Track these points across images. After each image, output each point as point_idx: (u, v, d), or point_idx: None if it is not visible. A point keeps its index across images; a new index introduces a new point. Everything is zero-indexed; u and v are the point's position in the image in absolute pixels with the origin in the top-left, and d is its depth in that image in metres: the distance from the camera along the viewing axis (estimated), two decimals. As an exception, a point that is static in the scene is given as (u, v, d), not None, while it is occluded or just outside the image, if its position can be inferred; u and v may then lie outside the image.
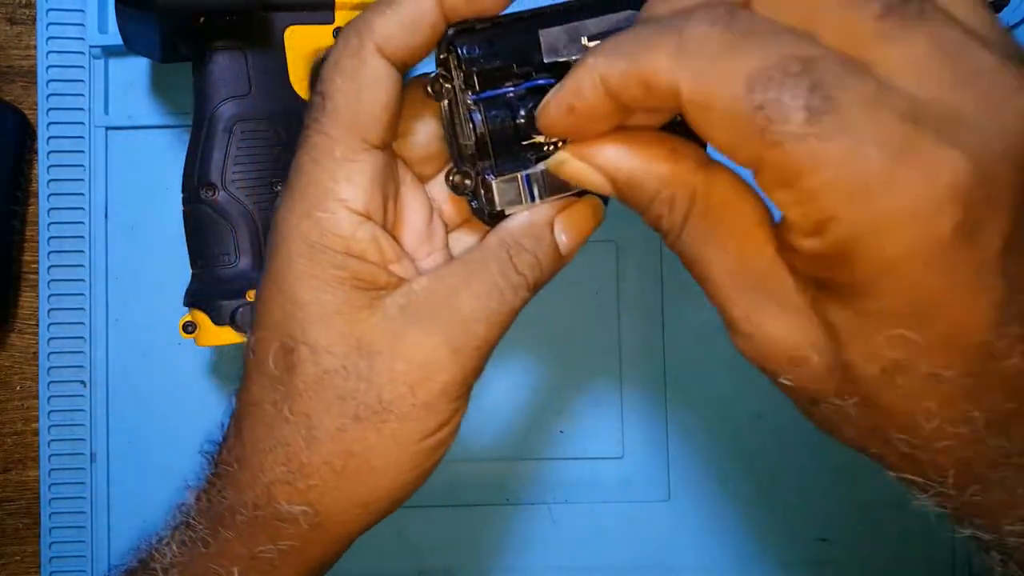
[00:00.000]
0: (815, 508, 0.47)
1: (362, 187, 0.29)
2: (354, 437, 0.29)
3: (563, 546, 0.47)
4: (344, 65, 0.28)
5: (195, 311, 0.39)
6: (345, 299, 0.29)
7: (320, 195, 0.28)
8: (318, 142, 0.28)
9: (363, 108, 0.28)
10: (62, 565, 0.46)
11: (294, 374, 0.29)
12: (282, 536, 0.30)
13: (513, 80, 0.28)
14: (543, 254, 0.30)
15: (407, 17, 0.28)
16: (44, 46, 0.46)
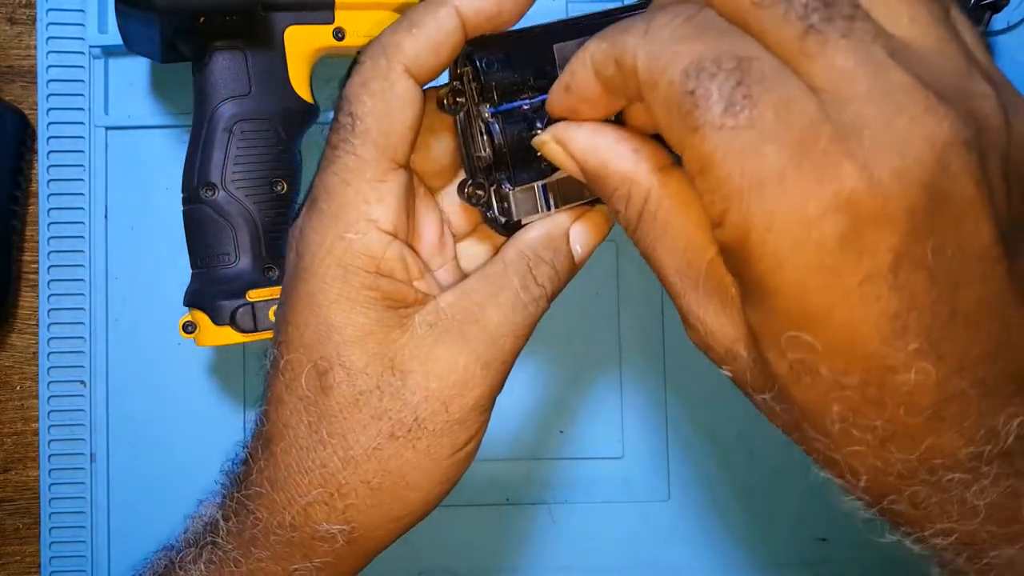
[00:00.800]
0: (815, 508, 0.47)
1: (391, 207, 0.29)
2: (390, 455, 0.30)
3: (563, 546, 0.47)
4: (374, 87, 0.29)
5: (195, 311, 0.39)
6: (377, 319, 0.29)
7: (352, 217, 0.29)
8: (349, 163, 0.29)
9: (394, 129, 0.29)
10: (62, 565, 0.46)
11: (329, 396, 0.30)
12: (318, 554, 0.31)
13: (529, 93, 0.29)
14: (560, 264, 0.31)
15: (434, 38, 0.29)
16: (44, 46, 0.46)
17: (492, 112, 0.29)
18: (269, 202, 0.39)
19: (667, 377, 0.47)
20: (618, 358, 0.47)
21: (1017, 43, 0.48)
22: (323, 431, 0.30)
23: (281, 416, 0.31)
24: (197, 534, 0.33)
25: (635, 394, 0.47)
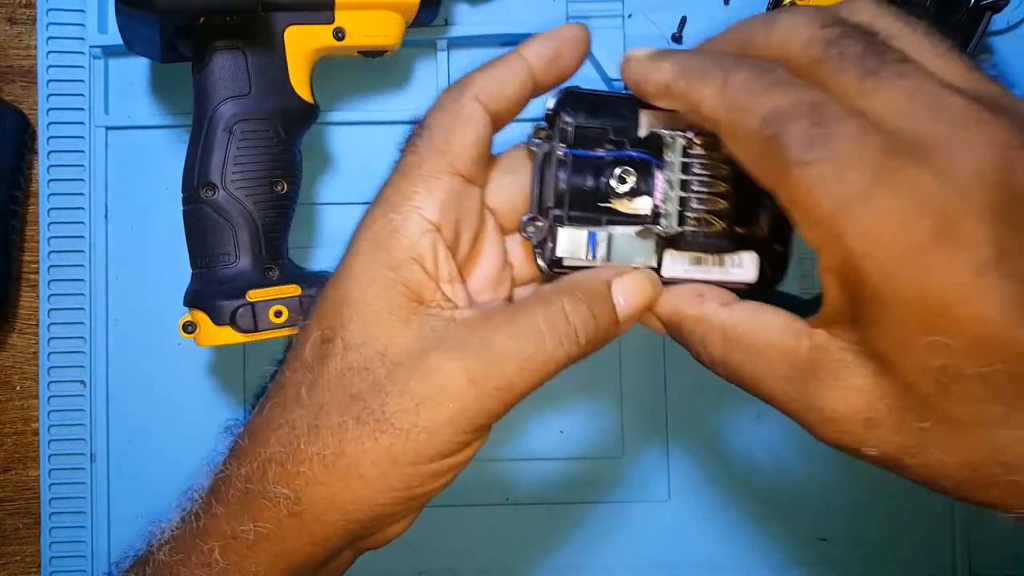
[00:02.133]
0: (815, 508, 0.47)
1: (438, 201, 0.31)
2: (352, 437, 0.30)
3: (563, 546, 0.47)
4: (444, 106, 0.32)
5: (195, 311, 0.39)
6: (388, 303, 0.30)
7: (398, 200, 0.31)
8: (409, 160, 0.32)
9: (454, 138, 0.31)
10: (62, 565, 0.46)
11: (324, 365, 0.31)
12: (263, 518, 0.31)
13: (606, 147, 0.31)
14: (599, 311, 0.30)
15: (502, 75, 0.32)
16: (44, 46, 0.46)
17: (565, 152, 0.31)
18: (269, 202, 0.39)
19: (667, 377, 0.47)
20: (618, 358, 0.47)
21: (1017, 43, 0.48)
22: (306, 395, 0.31)
23: (282, 376, 0.32)
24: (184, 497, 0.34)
25: (635, 394, 0.47)
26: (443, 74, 0.47)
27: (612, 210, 0.31)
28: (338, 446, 0.30)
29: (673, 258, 0.31)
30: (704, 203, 0.30)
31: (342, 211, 0.47)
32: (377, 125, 0.47)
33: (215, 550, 0.31)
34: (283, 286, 0.39)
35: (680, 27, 0.48)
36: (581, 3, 0.48)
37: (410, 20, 0.43)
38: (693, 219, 0.30)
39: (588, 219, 0.31)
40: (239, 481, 0.31)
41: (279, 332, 0.39)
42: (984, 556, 0.47)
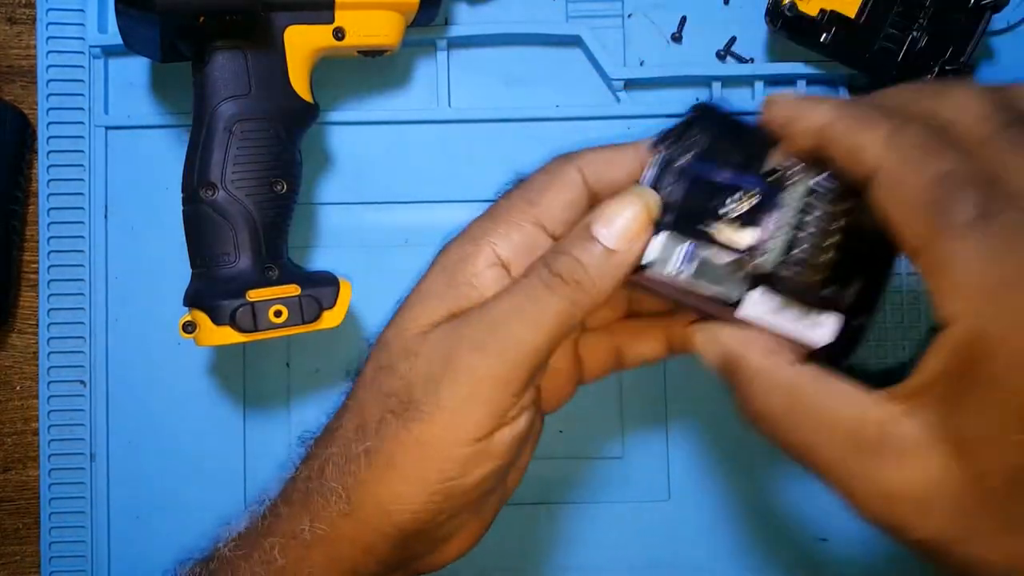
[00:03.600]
0: (815, 508, 0.47)
1: (514, 243, 0.32)
2: (389, 433, 0.31)
3: (564, 546, 0.47)
4: (548, 168, 0.34)
5: (195, 311, 0.39)
6: (430, 311, 0.32)
7: (478, 235, 0.33)
8: (499, 204, 0.33)
9: (546, 195, 0.33)
10: (62, 565, 0.46)
11: (366, 366, 0.33)
12: (319, 517, 0.32)
13: (728, 172, 0.31)
14: (581, 250, 0.31)
15: (613, 156, 0.33)
16: (44, 46, 0.46)
17: (690, 162, 0.31)
18: (269, 202, 0.39)
19: (667, 377, 0.47)
20: (618, 358, 0.47)
21: (1017, 43, 0.48)
22: (351, 398, 0.33)
23: (350, 384, 0.35)
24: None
25: (635, 394, 0.47)
26: (443, 74, 0.47)
27: (708, 235, 0.30)
28: (378, 441, 0.31)
29: (761, 296, 0.30)
30: (809, 252, 0.30)
31: (342, 211, 0.47)
32: (377, 125, 0.47)
33: (275, 547, 0.32)
34: (283, 286, 0.39)
35: (680, 27, 0.48)
36: (581, 3, 0.48)
37: (410, 20, 0.43)
38: (792, 265, 0.30)
39: (688, 236, 0.31)
40: (302, 481, 0.33)
41: (279, 332, 0.39)
42: (984, 556, 0.47)
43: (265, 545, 0.32)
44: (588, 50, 0.47)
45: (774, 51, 0.48)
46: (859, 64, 0.44)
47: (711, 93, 0.47)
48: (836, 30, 0.44)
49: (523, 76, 0.48)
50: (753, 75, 0.47)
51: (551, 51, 0.48)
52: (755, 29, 0.48)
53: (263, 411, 0.47)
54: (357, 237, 0.47)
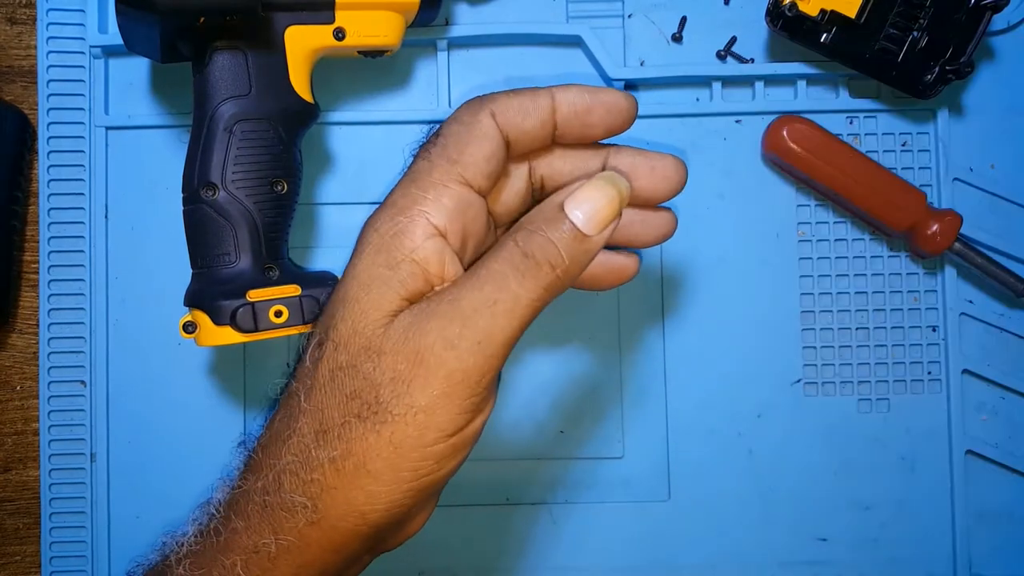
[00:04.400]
0: (815, 508, 0.47)
1: (446, 208, 0.31)
2: (356, 436, 0.30)
3: (563, 546, 0.47)
4: (461, 118, 0.32)
5: (195, 311, 0.39)
6: (379, 300, 0.30)
7: (406, 203, 0.31)
8: (420, 166, 0.32)
9: (467, 150, 0.32)
10: (62, 565, 0.46)
11: (317, 367, 0.31)
12: (283, 529, 0.31)
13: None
14: (556, 233, 0.30)
15: (525, 103, 0.32)
16: (44, 46, 0.46)
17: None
18: (269, 202, 0.39)
19: (667, 377, 0.47)
20: (618, 358, 0.47)
21: (1017, 43, 0.48)
22: (305, 401, 0.31)
23: (289, 386, 0.33)
24: (199, 510, 0.34)
25: (635, 394, 0.47)
26: (443, 74, 0.47)
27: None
28: (345, 447, 0.30)
29: None
30: None
31: (342, 211, 0.47)
32: (377, 125, 0.47)
33: (237, 564, 0.31)
34: (283, 286, 0.39)
35: (680, 27, 0.48)
36: (581, 3, 0.48)
37: (410, 20, 0.43)
38: None
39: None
40: (257, 495, 0.31)
41: (279, 332, 0.39)
42: (984, 556, 0.47)
43: (226, 563, 0.31)
44: (588, 50, 0.47)
45: (774, 51, 0.48)
46: (859, 64, 0.44)
47: (711, 93, 0.47)
48: (836, 30, 0.44)
49: (523, 76, 0.48)
50: (753, 75, 0.47)
51: (551, 51, 0.48)
52: (755, 29, 0.48)
53: (263, 411, 0.47)
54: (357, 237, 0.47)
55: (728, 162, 0.47)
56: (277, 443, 0.31)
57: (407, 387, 0.29)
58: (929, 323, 0.47)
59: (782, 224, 0.48)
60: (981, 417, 0.48)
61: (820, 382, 0.47)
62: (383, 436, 0.29)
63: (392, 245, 0.31)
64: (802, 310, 0.47)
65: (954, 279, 0.47)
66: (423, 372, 0.29)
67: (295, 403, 0.31)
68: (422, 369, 0.29)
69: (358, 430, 0.29)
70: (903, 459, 0.47)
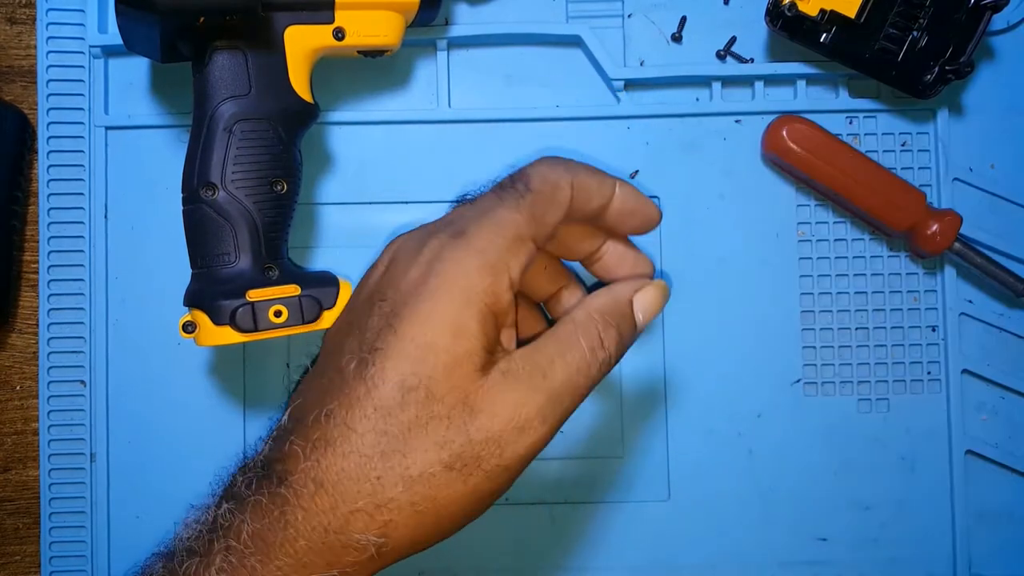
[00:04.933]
0: (815, 508, 0.47)
1: (521, 266, 0.34)
2: (442, 483, 0.31)
3: (563, 546, 0.47)
4: (548, 177, 0.35)
5: (195, 311, 0.39)
6: (470, 355, 0.32)
7: (496, 258, 0.33)
8: (506, 215, 0.34)
9: (549, 212, 0.35)
10: (62, 565, 0.46)
11: (404, 411, 0.31)
12: (343, 563, 0.31)
13: None
14: (626, 330, 0.35)
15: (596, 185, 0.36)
16: (44, 46, 0.46)
17: None
18: (269, 202, 0.39)
19: (667, 377, 0.47)
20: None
21: (1017, 43, 0.48)
22: (388, 444, 0.31)
23: (351, 419, 0.31)
24: (202, 541, 0.32)
25: (635, 394, 0.47)
26: (443, 74, 0.47)
27: None
28: (428, 492, 0.31)
29: None
30: None
31: (342, 211, 0.47)
32: (377, 125, 0.47)
33: None
34: (283, 286, 0.39)
35: (680, 27, 0.48)
36: (581, 3, 0.48)
37: (410, 20, 0.43)
38: None
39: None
40: (314, 533, 0.31)
41: (279, 332, 0.39)
42: (984, 556, 0.47)
43: None
44: (588, 50, 0.47)
45: (774, 51, 0.48)
46: (859, 64, 0.44)
47: (711, 93, 0.47)
48: (836, 30, 0.44)
49: (523, 76, 0.48)
50: (753, 75, 0.47)
51: (551, 51, 0.48)
52: (755, 29, 0.48)
53: (263, 411, 0.47)
54: (357, 237, 0.47)
55: (728, 162, 0.47)
56: (344, 483, 0.31)
57: (500, 449, 0.31)
58: (929, 323, 0.47)
59: (782, 224, 0.48)
60: (981, 417, 0.48)
61: (820, 382, 0.47)
62: (469, 486, 0.31)
63: (483, 301, 0.32)
64: (802, 310, 0.47)
65: (954, 279, 0.47)
66: (517, 438, 0.31)
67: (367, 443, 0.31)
68: (517, 435, 0.31)
69: (443, 478, 0.31)
70: (903, 459, 0.47)
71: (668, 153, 0.47)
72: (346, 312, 0.38)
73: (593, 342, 0.34)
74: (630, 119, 0.47)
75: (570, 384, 0.33)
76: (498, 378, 0.32)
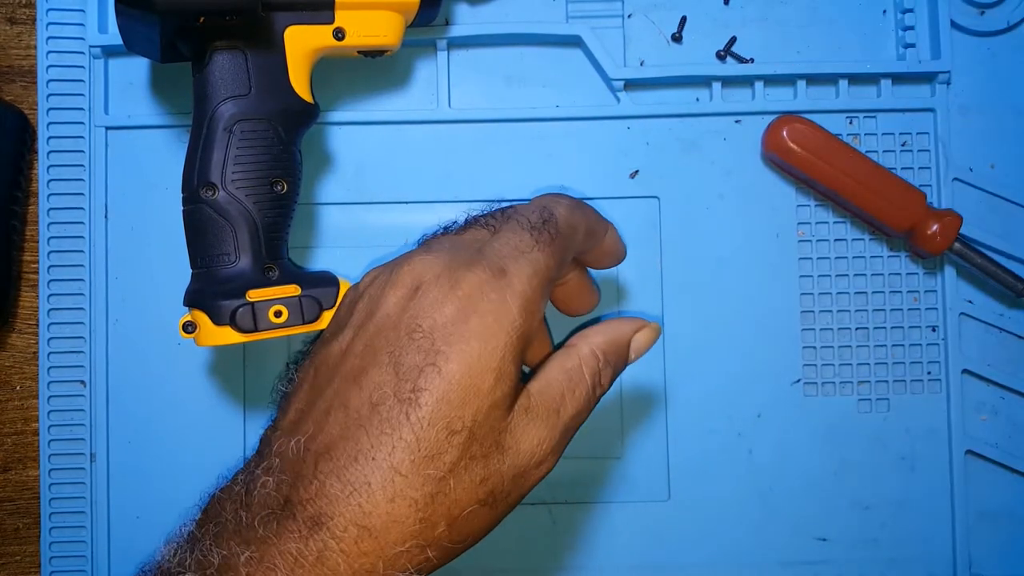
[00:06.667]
0: (815, 508, 0.47)
1: (545, 305, 0.35)
2: (478, 517, 0.32)
3: (563, 546, 0.47)
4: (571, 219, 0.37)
5: (195, 311, 0.39)
6: (504, 395, 0.33)
7: (532, 298, 0.34)
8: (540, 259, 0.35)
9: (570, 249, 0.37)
10: (62, 565, 0.46)
11: (448, 454, 0.31)
12: None
13: None
14: (620, 367, 0.38)
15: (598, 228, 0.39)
16: (44, 46, 0.46)
17: None
18: (269, 202, 0.39)
19: (667, 377, 0.47)
20: (618, 358, 0.47)
21: (1017, 43, 0.48)
22: (434, 487, 0.31)
23: (397, 462, 0.31)
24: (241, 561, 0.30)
25: (635, 394, 0.47)
26: (443, 74, 0.47)
27: None
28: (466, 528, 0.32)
29: None
30: None
31: (342, 211, 0.47)
32: (377, 125, 0.47)
33: None
34: (283, 286, 0.39)
35: (680, 27, 0.48)
36: (581, 3, 0.48)
37: (410, 20, 0.43)
38: None
39: None
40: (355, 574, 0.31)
41: (279, 332, 0.39)
42: (984, 556, 0.47)
43: None
44: (588, 50, 0.47)
45: (774, 51, 0.47)
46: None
47: (711, 93, 0.47)
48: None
49: (523, 76, 0.48)
50: (753, 75, 0.47)
51: (551, 51, 0.48)
52: (755, 29, 0.48)
53: (263, 411, 0.47)
54: (357, 237, 0.47)
55: (728, 162, 0.47)
56: (396, 525, 0.31)
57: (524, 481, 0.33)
58: (929, 323, 0.47)
59: (782, 224, 0.48)
60: (981, 417, 0.48)
61: (820, 382, 0.47)
62: (495, 515, 0.33)
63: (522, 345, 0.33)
64: (802, 310, 0.47)
65: (954, 279, 0.47)
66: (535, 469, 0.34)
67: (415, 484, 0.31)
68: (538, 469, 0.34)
69: (480, 513, 0.32)
70: (903, 459, 0.47)
71: (668, 153, 0.47)
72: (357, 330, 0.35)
73: (595, 379, 0.36)
74: (630, 119, 0.47)
75: (577, 418, 0.35)
76: (522, 416, 0.33)
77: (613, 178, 0.47)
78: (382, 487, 0.31)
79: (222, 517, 0.32)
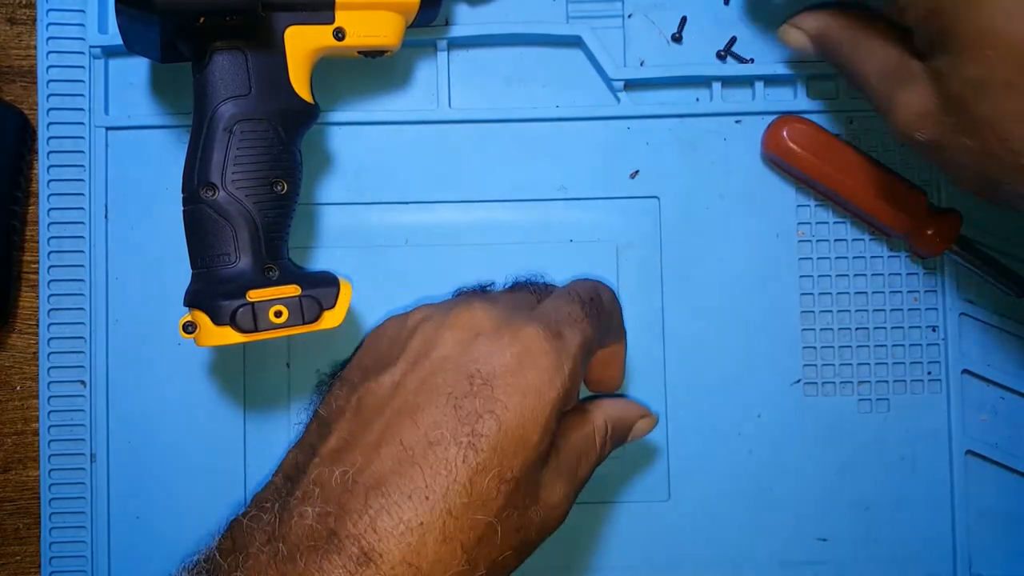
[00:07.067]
0: (815, 508, 0.47)
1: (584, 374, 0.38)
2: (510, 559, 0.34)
3: (563, 546, 0.47)
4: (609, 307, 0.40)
5: (195, 311, 0.39)
6: (546, 450, 0.35)
7: (580, 366, 0.36)
8: (588, 329, 0.37)
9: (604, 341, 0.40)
10: (62, 565, 0.46)
11: (497, 500, 0.32)
12: None
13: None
14: (619, 444, 0.41)
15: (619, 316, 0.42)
16: (44, 46, 0.46)
17: None
18: (269, 202, 0.39)
19: (667, 377, 0.47)
20: (618, 358, 0.47)
21: (1017, 43, 0.48)
22: (482, 531, 0.32)
23: (452, 505, 0.31)
24: None
25: (635, 394, 0.47)
26: (443, 74, 0.47)
27: None
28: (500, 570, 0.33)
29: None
30: None
31: (342, 211, 0.47)
32: (377, 125, 0.47)
33: None
34: (283, 286, 0.39)
35: (680, 27, 0.48)
36: (581, 3, 0.48)
37: (410, 20, 0.43)
38: None
39: None
40: None
41: (279, 332, 0.39)
42: (984, 556, 0.47)
43: None
44: (588, 50, 0.47)
45: (774, 51, 0.47)
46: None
47: (711, 93, 0.47)
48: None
49: (523, 76, 0.48)
50: (753, 75, 0.47)
51: (551, 51, 0.48)
52: (755, 29, 0.48)
53: (263, 411, 0.47)
54: (357, 237, 0.47)
55: (728, 162, 0.47)
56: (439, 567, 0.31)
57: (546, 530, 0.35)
58: (929, 323, 0.47)
59: (782, 224, 0.48)
60: (981, 417, 0.48)
61: (820, 382, 0.47)
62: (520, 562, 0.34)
63: (566, 404, 0.35)
64: (802, 310, 0.47)
65: (954, 279, 0.47)
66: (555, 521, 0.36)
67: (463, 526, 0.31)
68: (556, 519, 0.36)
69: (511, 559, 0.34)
70: (903, 459, 0.47)
71: (668, 153, 0.47)
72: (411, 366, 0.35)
73: (604, 449, 0.39)
74: (630, 119, 0.47)
75: (586, 478, 0.38)
76: (551, 474, 0.35)
77: (613, 178, 0.47)
78: (435, 528, 0.31)
79: (252, 547, 0.31)
